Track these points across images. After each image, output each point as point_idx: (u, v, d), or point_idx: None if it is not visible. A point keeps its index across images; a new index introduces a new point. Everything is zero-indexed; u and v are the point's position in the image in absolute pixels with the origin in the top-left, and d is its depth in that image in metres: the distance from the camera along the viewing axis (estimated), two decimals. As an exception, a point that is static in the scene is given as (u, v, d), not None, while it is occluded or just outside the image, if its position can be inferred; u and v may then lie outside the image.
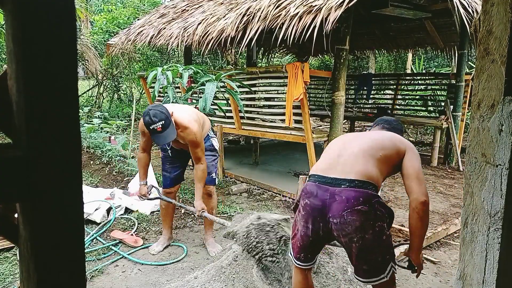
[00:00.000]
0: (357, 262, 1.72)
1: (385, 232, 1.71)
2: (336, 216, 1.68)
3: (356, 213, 1.65)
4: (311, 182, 1.83)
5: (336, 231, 1.71)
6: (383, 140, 1.89)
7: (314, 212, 1.76)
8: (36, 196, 0.43)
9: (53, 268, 0.44)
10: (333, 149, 1.93)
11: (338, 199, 1.69)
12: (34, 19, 0.40)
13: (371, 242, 1.67)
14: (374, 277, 1.71)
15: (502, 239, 1.20)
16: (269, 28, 4.12)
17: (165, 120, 2.63)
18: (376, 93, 8.37)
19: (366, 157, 1.79)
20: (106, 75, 10.75)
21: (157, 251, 3.15)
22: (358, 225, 1.65)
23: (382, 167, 1.80)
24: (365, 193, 1.68)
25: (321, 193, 1.74)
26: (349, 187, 1.70)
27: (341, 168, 1.78)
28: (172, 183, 3.19)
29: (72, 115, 0.43)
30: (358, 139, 1.94)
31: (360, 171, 1.74)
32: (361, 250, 1.68)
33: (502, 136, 1.19)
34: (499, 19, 1.18)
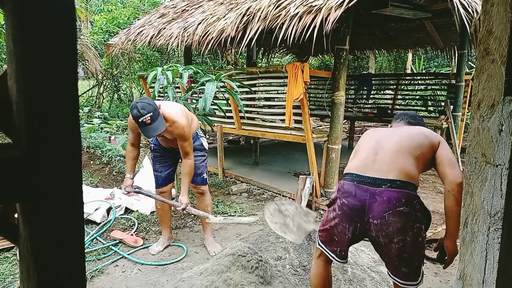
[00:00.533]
0: (397, 263, 1.69)
1: (422, 234, 1.69)
2: (377, 217, 1.66)
3: (398, 215, 1.63)
4: (349, 182, 1.79)
5: (376, 232, 1.68)
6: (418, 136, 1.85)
7: (352, 212, 1.73)
8: (36, 196, 0.43)
9: (53, 268, 0.44)
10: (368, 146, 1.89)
11: (379, 200, 1.66)
12: (34, 19, 0.40)
13: (411, 244, 1.65)
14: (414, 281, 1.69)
15: (502, 239, 1.20)
16: (269, 28, 4.11)
17: (153, 112, 2.62)
18: (376, 93, 8.36)
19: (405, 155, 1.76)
20: (106, 75, 10.75)
21: (157, 251, 3.15)
22: (399, 226, 1.63)
23: (418, 164, 1.77)
24: (407, 193, 1.66)
25: (360, 193, 1.71)
26: (390, 187, 1.67)
27: (379, 166, 1.74)
28: (164, 182, 3.18)
29: (72, 115, 0.43)
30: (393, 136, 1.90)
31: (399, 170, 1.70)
32: (401, 252, 1.66)
33: (502, 136, 1.19)
34: (499, 19, 1.18)
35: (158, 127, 2.65)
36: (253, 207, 4.27)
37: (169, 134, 2.87)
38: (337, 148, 4.27)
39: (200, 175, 3.14)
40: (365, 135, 2.04)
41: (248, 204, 4.37)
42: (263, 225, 3.74)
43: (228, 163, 5.78)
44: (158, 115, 2.66)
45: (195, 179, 3.12)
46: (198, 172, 3.11)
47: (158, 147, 3.17)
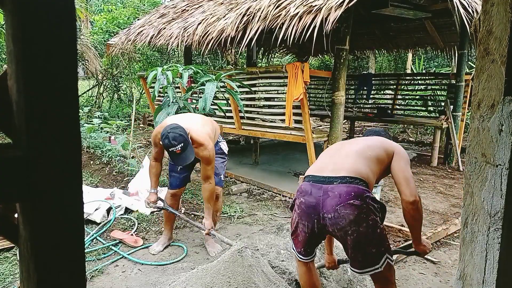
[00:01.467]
0: (353, 254, 1.80)
1: (379, 225, 1.80)
2: (330, 211, 1.78)
3: (349, 207, 1.74)
4: (306, 182, 1.94)
5: (331, 226, 1.80)
6: (371, 141, 2.06)
7: (308, 209, 1.86)
8: (36, 196, 0.43)
9: (53, 268, 0.44)
10: (327, 153, 2.10)
11: (331, 195, 1.79)
12: (34, 19, 0.40)
13: (365, 234, 1.75)
14: (368, 267, 1.79)
15: (502, 239, 1.20)
16: (269, 28, 4.12)
17: (184, 142, 2.67)
18: (376, 93, 8.37)
19: (356, 156, 1.92)
20: (106, 75, 10.75)
21: (157, 251, 3.15)
22: (352, 218, 1.74)
23: (372, 166, 1.91)
24: (356, 188, 1.79)
25: (315, 191, 1.85)
26: (340, 183, 1.80)
27: (333, 167, 1.90)
28: (181, 184, 3.21)
29: (72, 115, 0.43)
30: (350, 143, 2.12)
31: (350, 168, 1.85)
32: (356, 242, 1.76)
33: (502, 136, 1.19)
34: (499, 19, 1.18)
35: (187, 156, 2.71)
36: (253, 207, 4.27)
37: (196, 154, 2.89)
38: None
39: (217, 176, 3.17)
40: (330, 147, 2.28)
41: (248, 204, 4.37)
42: (263, 225, 3.74)
43: (228, 163, 5.75)
44: (188, 145, 2.71)
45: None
46: (216, 172, 3.15)
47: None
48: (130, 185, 4.37)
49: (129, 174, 4.81)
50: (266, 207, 4.27)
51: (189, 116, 3.20)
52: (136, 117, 8.82)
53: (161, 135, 2.72)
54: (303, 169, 5.44)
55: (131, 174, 4.74)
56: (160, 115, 4.00)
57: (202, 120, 3.11)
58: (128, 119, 9.01)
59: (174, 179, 3.20)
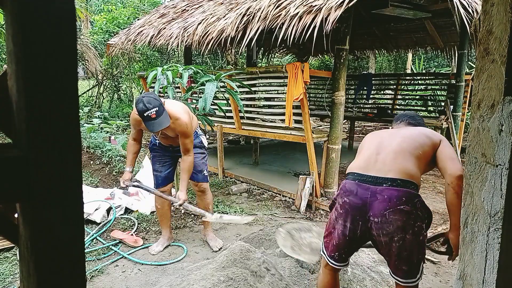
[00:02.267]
0: (397, 262, 1.71)
1: (423, 232, 1.71)
2: (378, 215, 1.67)
3: (398, 213, 1.65)
4: (350, 180, 1.81)
5: (376, 230, 1.69)
6: (419, 136, 1.87)
7: (353, 210, 1.74)
8: (36, 196, 0.43)
9: (53, 268, 0.44)
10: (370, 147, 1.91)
11: (379, 198, 1.68)
12: (34, 19, 0.40)
13: (411, 242, 1.66)
14: (412, 278, 1.71)
15: (502, 239, 1.20)
16: (269, 28, 4.11)
17: (158, 107, 2.65)
18: (376, 93, 8.36)
19: (406, 155, 1.78)
20: (106, 75, 10.75)
21: (157, 251, 3.15)
22: (400, 224, 1.64)
23: (420, 164, 1.79)
24: (408, 192, 1.68)
25: (362, 191, 1.73)
26: (391, 186, 1.69)
27: (381, 166, 1.77)
28: (164, 182, 3.19)
29: (72, 115, 0.43)
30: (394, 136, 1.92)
31: (400, 170, 1.72)
32: (401, 250, 1.67)
33: (502, 136, 1.19)
34: (499, 19, 1.18)
35: (162, 122, 2.68)
36: (253, 207, 4.27)
37: (171, 131, 2.89)
38: (337, 148, 4.27)
39: (200, 172, 3.15)
40: (367, 137, 2.06)
41: (248, 204, 4.37)
42: (263, 225, 3.74)
43: (228, 163, 5.78)
44: (164, 111, 2.69)
45: (196, 176, 3.14)
46: (198, 170, 3.13)
47: (157, 146, 3.18)
48: (130, 185, 4.37)
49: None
50: (266, 207, 4.27)
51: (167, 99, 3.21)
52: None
53: (136, 100, 2.72)
54: (303, 169, 5.45)
55: (131, 174, 4.74)
56: (160, 115, 4.00)
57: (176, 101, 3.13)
58: (128, 119, 9.01)
59: (157, 178, 3.20)
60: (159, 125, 2.67)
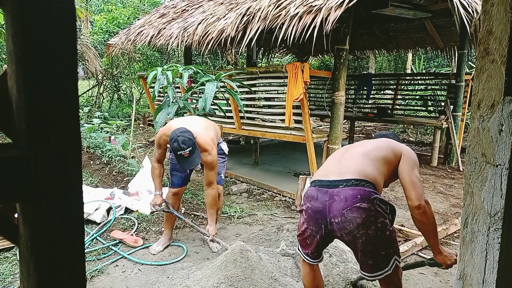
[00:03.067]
0: (362, 257, 1.77)
1: (388, 227, 1.76)
2: (337, 215, 1.74)
3: (356, 210, 1.71)
4: (312, 187, 1.90)
5: (339, 231, 1.76)
6: (378, 143, 2.02)
7: (315, 214, 1.82)
8: (36, 196, 0.43)
9: (53, 268, 0.44)
10: (334, 157, 2.06)
11: (337, 199, 1.75)
12: (34, 19, 0.40)
13: (374, 237, 1.71)
14: (379, 271, 1.76)
15: (502, 239, 1.20)
16: (269, 28, 4.11)
17: (192, 146, 2.73)
18: (376, 93, 8.36)
19: (361, 158, 1.88)
20: (106, 75, 10.75)
21: (157, 251, 3.15)
22: (359, 221, 1.70)
23: (379, 167, 1.87)
24: (363, 190, 1.74)
25: (321, 195, 1.81)
26: (346, 186, 1.77)
27: (339, 170, 1.87)
28: (183, 183, 3.23)
29: (72, 115, 0.43)
30: (356, 146, 2.07)
31: (355, 171, 1.81)
32: (365, 246, 1.73)
33: (502, 136, 1.19)
34: (499, 19, 1.18)
35: (194, 160, 2.77)
36: (253, 207, 4.27)
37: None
38: (337, 148, 4.27)
39: (218, 174, 3.20)
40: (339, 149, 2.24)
41: (248, 204, 4.37)
42: (263, 225, 3.74)
43: (228, 163, 5.76)
44: (196, 149, 2.77)
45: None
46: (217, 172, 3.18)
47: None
48: (130, 185, 4.37)
49: (129, 174, 4.81)
50: (266, 207, 4.27)
51: (193, 119, 3.22)
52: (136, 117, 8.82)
53: (170, 138, 2.77)
54: (303, 169, 5.45)
55: (131, 174, 4.74)
56: (160, 115, 4.00)
57: (205, 124, 3.15)
58: (128, 119, 9.01)
59: (176, 178, 3.21)
60: (190, 163, 2.78)
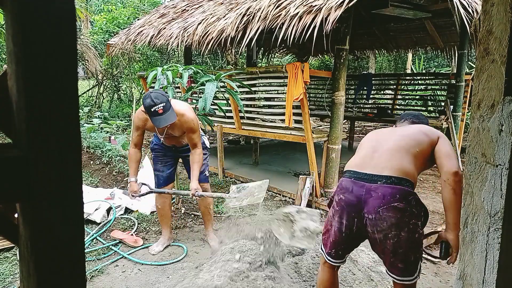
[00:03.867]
0: (392, 259, 1.71)
1: (419, 230, 1.71)
2: (372, 212, 1.69)
3: (392, 210, 1.66)
4: (347, 178, 1.83)
5: (371, 227, 1.71)
6: (416, 134, 1.88)
7: (349, 207, 1.77)
8: (36, 196, 0.43)
9: (53, 268, 0.44)
10: (368, 145, 1.93)
11: (374, 195, 1.70)
12: (34, 19, 0.40)
13: (406, 239, 1.67)
14: (409, 277, 1.71)
15: (502, 239, 1.20)
16: (269, 28, 4.11)
17: (165, 102, 2.69)
18: (376, 93, 8.36)
19: (402, 152, 1.79)
20: (106, 75, 10.75)
21: (157, 251, 3.15)
22: (393, 221, 1.65)
23: (417, 162, 1.79)
24: (402, 189, 1.68)
25: (357, 189, 1.75)
26: (385, 183, 1.70)
27: (376, 164, 1.78)
28: (165, 182, 3.20)
29: (72, 115, 0.43)
30: (392, 134, 1.93)
31: (396, 167, 1.73)
32: (396, 247, 1.68)
33: (502, 136, 1.19)
34: (499, 19, 1.18)
35: (169, 117, 2.70)
36: (253, 207, 4.27)
37: (177, 129, 2.93)
38: (337, 148, 4.27)
39: (202, 173, 3.16)
40: (367, 135, 2.07)
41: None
42: (263, 225, 3.74)
43: (228, 163, 5.77)
44: (170, 106, 2.73)
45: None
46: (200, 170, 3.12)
47: (159, 146, 3.19)
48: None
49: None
50: (266, 207, 4.27)
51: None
52: (136, 117, 8.81)
53: (143, 96, 2.76)
54: (303, 169, 5.45)
55: (131, 174, 4.74)
56: (160, 115, 4.00)
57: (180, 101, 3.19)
58: (128, 119, 9.01)
59: (159, 178, 3.21)
60: (165, 120, 2.70)
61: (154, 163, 3.25)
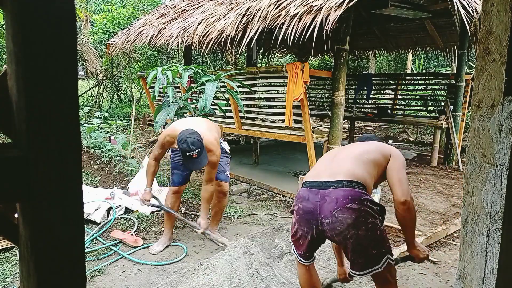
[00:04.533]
0: (353, 257, 1.80)
1: (378, 227, 1.80)
2: (328, 216, 1.77)
3: (346, 211, 1.74)
4: (303, 188, 1.94)
5: (330, 231, 1.79)
6: (368, 145, 2.08)
7: (307, 215, 1.85)
8: (36, 196, 0.43)
9: (53, 268, 0.44)
10: (325, 158, 2.11)
11: (328, 200, 1.79)
12: (34, 19, 0.40)
13: (365, 237, 1.75)
14: (369, 268, 1.79)
15: (502, 239, 1.20)
16: (269, 28, 4.11)
17: (200, 147, 2.79)
18: (376, 93, 8.36)
19: (353, 160, 1.93)
20: (106, 75, 10.75)
21: (157, 251, 3.15)
22: (350, 222, 1.73)
23: (369, 169, 1.91)
24: (353, 191, 1.78)
25: (312, 196, 1.85)
26: (337, 187, 1.80)
27: (330, 172, 1.91)
28: (183, 181, 3.28)
29: (72, 115, 0.43)
30: (347, 148, 2.12)
31: (346, 172, 1.85)
32: (356, 246, 1.76)
33: (502, 136, 1.19)
34: (499, 19, 1.18)
35: (202, 160, 2.84)
36: (253, 207, 4.27)
37: None
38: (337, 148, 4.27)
39: (223, 172, 3.32)
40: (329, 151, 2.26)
41: (248, 204, 4.37)
42: (263, 225, 3.74)
43: (228, 163, 5.77)
44: (203, 150, 2.83)
45: (219, 175, 3.27)
46: (222, 169, 3.29)
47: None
48: (130, 185, 4.37)
49: (129, 174, 4.81)
50: (266, 207, 4.27)
51: (196, 120, 3.27)
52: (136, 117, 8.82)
53: (179, 139, 2.82)
54: (303, 169, 5.44)
55: (131, 174, 4.74)
56: (160, 115, 4.00)
57: (208, 125, 3.22)
58: (128, 119, 9.01)
59: (177, 177, 3.27)
60: (199, 163, 2.85)
61: (175, 163, 3.30)
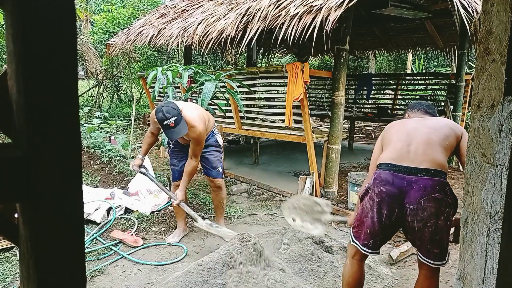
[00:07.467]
0: (429, 245, 1.86)
1: (451, 218, 1.87)
2: (414, 202, 1.83)
3: (432, 200, 1.80)
4: (385, 171, 1.94)
5: (411, 217, 1.84)
6: (444, 128, 2.02)
7: (390, 198, 1.88)
8: (36, 196, 0.43)
9: (53, 268, 0.44)
10: (400, 139, 2.03)
11: (415, 187, 1.83)
12: (34, 19, 0.40)
13: (442, 227, 1.83)
14: (442, 260, 1.89)
15: (502, 239, 1.20)
16: (269, 28, 4.11)
17: (177, 116, 2.80)
18: (376, 93, 8.36)
19: (435, 146, 1.93)
20: (106, 75, 10.75)
21: (172, 241, 3.27)
22: (433, 211, 1.80)
23: (447, 154, 1.96)
24: (440, 181, 1.84)
25: (398, 181, 1.87)
26: (425, 176, 1.84)
27: (414, 157, 1.91)
28: (180, 176, 3.30)
29: (72, 115, 0.43)
30: (421, 127, 2.04)
31: (432, 160, 1.88)
32: (434, 235, 1.83)
33: (502, 136, 1.19)
34: (499, 19, 1.18)
35: (180, 130, 2.83)
36: (253, 207, 4.27)
37: (186, 136, 3.02)
38: (337, 148, 4.27)
39: (215, 169, 3.30)
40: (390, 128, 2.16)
41: (248, 204, 4.37)
42: (263, 225, 3.74)
43: (228, 163, 5.77)
44: (181, 119, 2.84)
45: (210, 172, 3.29)
46: (213, 166, 3.29)
47: (176, 142, 3.33)
48: (130, 185, 4.37)
49: (129, 174, 4.81)
50: (266, 207, 4.27)
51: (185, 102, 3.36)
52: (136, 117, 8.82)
53: (155, 109, 2.88)
54: (303, 169, 5.45)
55: (131, 174, 4.74)
56: (160, 115, 4.00)
57: (196, 106, 3.29)
58: (128, 119, 9.01)
59: (174, 172, 3.36)
60: (177, 133, 2.85)
61: (170, 157, 3.40)
